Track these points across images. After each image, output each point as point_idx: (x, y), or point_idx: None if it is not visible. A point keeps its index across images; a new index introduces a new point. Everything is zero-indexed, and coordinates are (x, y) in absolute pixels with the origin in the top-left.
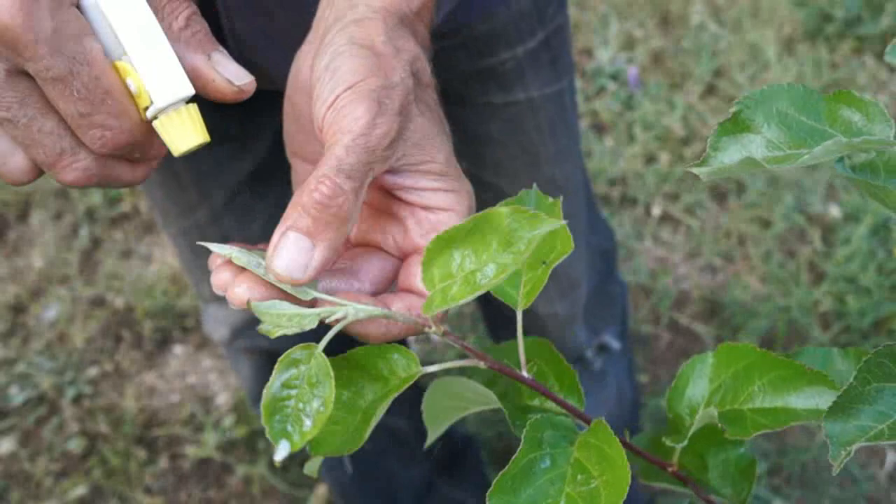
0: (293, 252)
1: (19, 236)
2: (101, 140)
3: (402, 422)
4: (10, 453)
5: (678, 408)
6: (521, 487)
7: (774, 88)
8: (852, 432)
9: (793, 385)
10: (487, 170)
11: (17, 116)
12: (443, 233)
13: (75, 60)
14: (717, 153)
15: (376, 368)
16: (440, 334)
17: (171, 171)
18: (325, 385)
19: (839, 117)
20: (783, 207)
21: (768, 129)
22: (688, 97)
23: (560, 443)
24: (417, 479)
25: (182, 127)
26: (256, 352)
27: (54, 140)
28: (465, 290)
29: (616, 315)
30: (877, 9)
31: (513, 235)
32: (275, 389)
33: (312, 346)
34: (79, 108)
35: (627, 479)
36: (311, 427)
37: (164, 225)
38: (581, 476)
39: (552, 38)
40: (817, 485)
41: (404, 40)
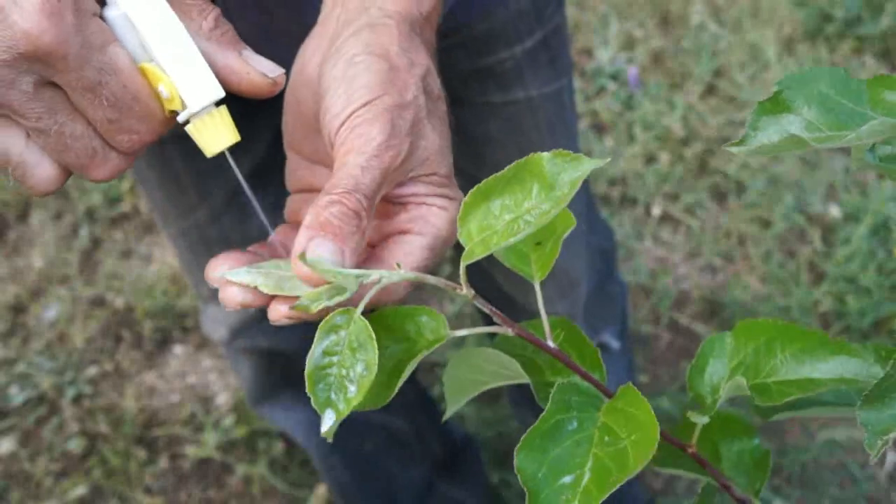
0: (326, 254)
1: (19, 236)
2: (129, 143)
3: (402, 422)
4: (10, 453)
5: (699, 387)
6: (548, 447)
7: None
8: (888, 421)
9: (816, 355)
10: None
11: (48, 125)
12: (480, 184)
13: (103, 70)
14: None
15: (403, 330)
16: (470, 297)
17: (170, 172)
18: (368, 348)
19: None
20: (783, 207)
21: (808, 111)
22: (688, 97)
23: (587, 408)
24: (417, 479)
25: (215, 129)
26: (256, 351)
27: (85, 143)
28: (506, 236)
29: (615, 315)
30: (877, 9)
31: (555, 179)
32: (316, 357)
33: (351, 311)
34: (108, 114)
35: (656, 436)
36: (357, 392)
37: (164, 225)
38: (609, 438)
39: (551, 37)
40: (817, 485)
41: (416, 52)
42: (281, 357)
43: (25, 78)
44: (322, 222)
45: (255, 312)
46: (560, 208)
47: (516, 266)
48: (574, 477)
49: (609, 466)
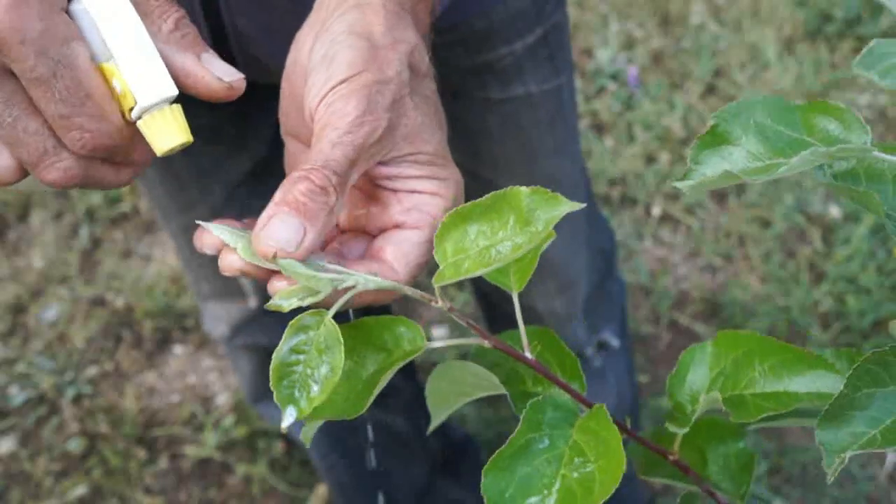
0: (285, 228)
1: (19, 236)
2: (80, 141)
3: (402, 421)
4: (10, 453)
5: (679, 395)
6: (517, 466)
7: (750, 101)
8: (845, 439)
9: (793, 369)
10: (485, 165)
11: (2, 116)
12: (459, 208)
13: (59, 63)
14: (698, 166)
15: (381, 339)
16: (445, 308)
17: (170, 168)
18: (335, 351)
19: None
20: (783, 207)
21: (747, 141)
22: (688, 97)
23: (560, 424)
24: (417, 478)
25: (165, 126)
26: (255, 349)
27: (38, 140)
28: (477, 264)
29: (615, 313)
30: (877, 9)
31: (531, 215)
32: (283, 354)
33: (323, 313)
34: (59, 109)
35: (622, 466)
36: (319, 392)
37: (164, 222)
38: (578, 459)
39: (550, 34)
40: (817, 485)
41: (402, 29)
42: None
43: None
44: (288, 199)
45: (255, 309)
46: (534, 245)
47: (496, 279)
48: (540, 498)
49: (575, 491)
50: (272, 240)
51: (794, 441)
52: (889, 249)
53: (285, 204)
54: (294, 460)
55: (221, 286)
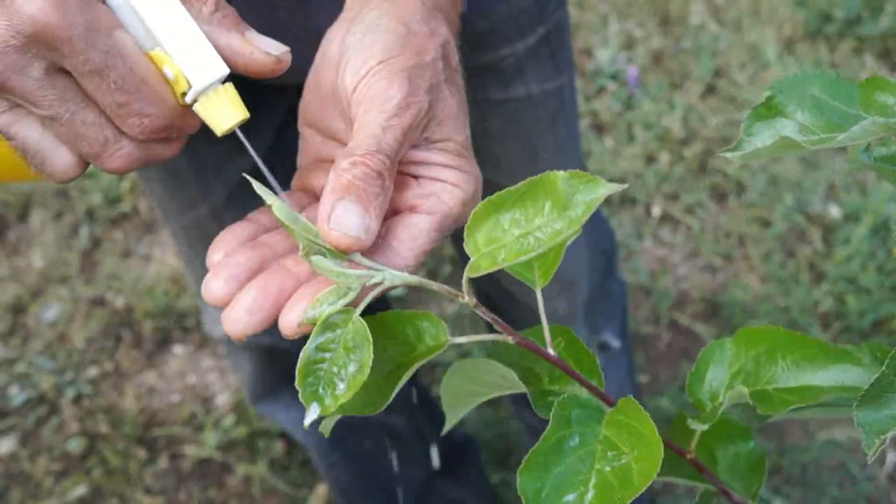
0: (354, 217)
1: (19, 236)
2: (139, 127)
3: (403, 421)
4: (10, 453)
5: (699, 393)
6: (551, 465)
7: (807, 74)
8: (885, 421)
9: (818, 363)
10: (486, 165)
11: (59, 113)
12: (492, 196)
13: (109, 53)
14: (750, 138)
15: (404, 334)
16: (472, 305)
17: (172, 168)
18: (363, 349)
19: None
20: (783, 207)
21: (801, 114)
22: (688, 97)
23: (588, 421)
24: (417, 478)
25: (222, 106)
26: (257, 348)
27: (97, 131)
28: (515, 253)
29: (616, 314)
30: (877, 9)
31: (570, 199)
32: (310, 352)
33: (350, 311)
34: (116, 98)
35: (660, 453)
36: (345, 391)
37: (165, 221)
38: (612, 453)
39: (552, 34)
40: (817, 485)
41: (438, 23)
42: (281, 354)
43: (35, 63)
44: (346, 185)
45: None
46: (574, 229)
47: (519, 273)
48: (577, 495)
49: (612, 483)
50: (344, 228)
51: (794, 441)
52: (889, 249)
53: (345, 191)
54: (294, 460)
55: None
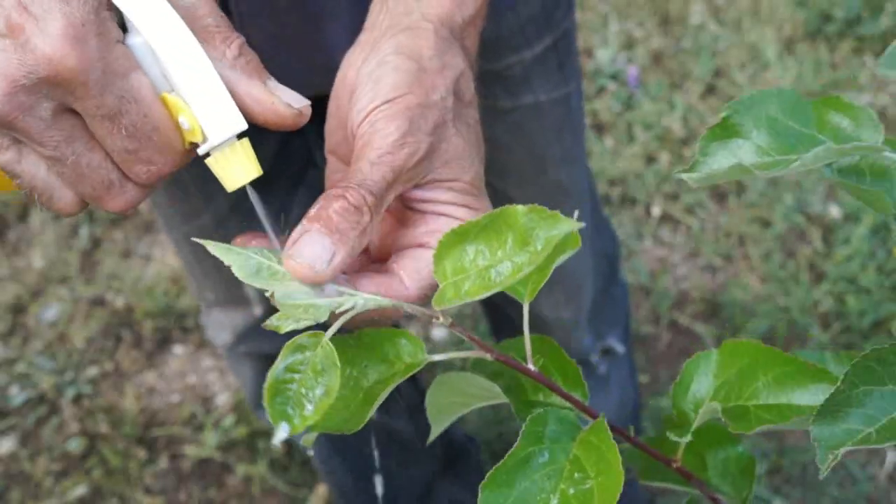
0: (316, 247)
1: (19, 236)
2: (146, 175)
3: (403, 423)
4: (10, 453)
5: (682, 404)
6: (515, 480)
7: (763, 93)
8: (840, 436)
9: (796, 382)
10: (493, 174)
11: (64, 154)
12: (457, 227)
13: (124, 98)
14: (706, 158)
15: (383, 351)
16: (447, 325)
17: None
18: (331, 374)
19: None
20: (783, 207)
21: (757, 135)
22: (688, 97)
23: (561, 438)
24: (418, 479)
25: (236, 162)
26: (259, 356)
27: (102, 174)
28: (479, 286)
29: (620, 318)
30: (877, 9)
31: (529, 234)
32: (278, 372)
33: (320, 335)
34: (126, 144)
35: (620, 483)
36: (313, 412)
37: (168, 230)
38: (578, 474)
39: (560, 42)
40: (817, 485)
41: (451, 55)
42: None
43: (44, 104)
44: (322, 216)
45: (260, 317)
46: (535, 265)
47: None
48: None
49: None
50: (301, 257)
51: (794, 441)
52: (889, 249)
53: (318, 220)
54: (294, 460)
55: (226, 294)
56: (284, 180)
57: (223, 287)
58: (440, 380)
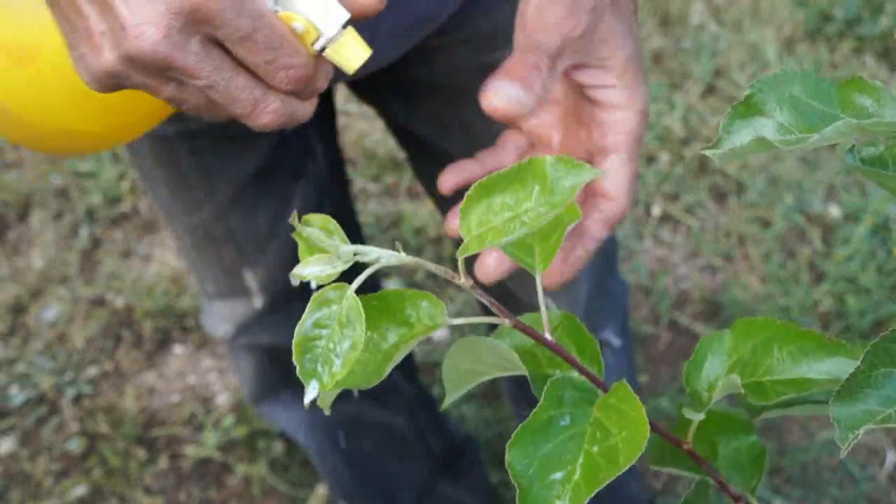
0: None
1: (19, 236)
2: (287, 79)
3: (402, 420)
4: (10, 453)
5: (695, 383)
6: (540, 442)
7: (787, 73)
8: (859, 416)
9: (813, 355)
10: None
11: (216, 82)
12: (483, 180)
13: (254, 17)
14: (729, 136)
15: (403, 313)
16: (468, 286)
17: (176, 169)
18: (356, 326)
19: (851, 102)
20: (783, 207)
21: (780, 114)
22: (688, 97)
23: (581, 403)
24: (417, 478)
25: (350, 48)
26: (258, 348)
27: (248, 92)
28: (500, 234)
29: (617, 312)
30: (877, 9)
31: (555, 184)
32: (306, 328)
33: (345, 286)
34: (265, 56)
35: (646, 434)
36: (341, 367)
37: (169, 223)
38: (600, 434)
39: None
40: (817, 485)
41: None
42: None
43: (194, 39)
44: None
45: (260, 309)
46: (556, 213)
47: (519, 258)
48: (565, 473)
49: (599, 463)
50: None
51: (794, 441)
52: (889, 249)
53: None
54: (294, 460)
55: (227, 286)
56: (284, 172)
57: (224, 279)
58: (459, 344)
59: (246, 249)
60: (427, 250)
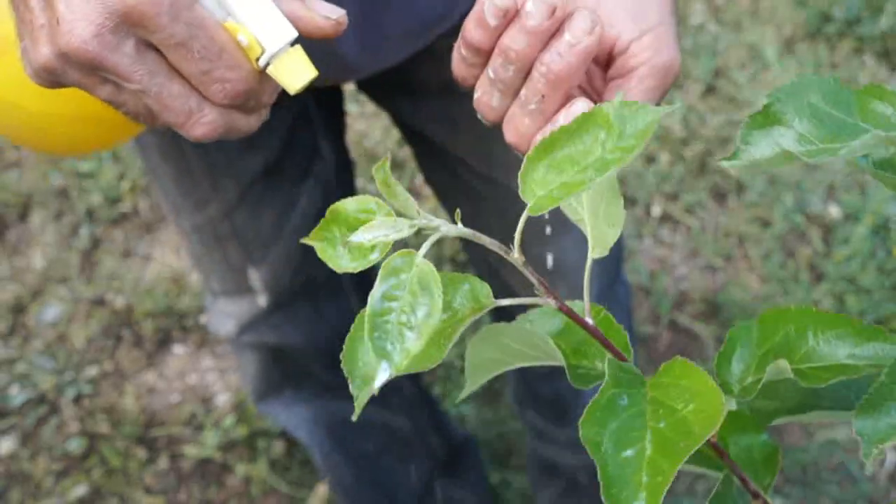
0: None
1: (19, 236)
2: (222, 92)
3: (403, 421)
4: (10, 453)
5: (726, 375)
6: (607, 419)
7: (805, 81)
8: (884, 430)
9: (853, 341)
10: (498, 169)
11: (149, 87)
12: (545, 138)
13: (192, 25)
14: (748, 147)
15: (447, 297)
16: (521, 263)
17: (184, 166)
18: (433, 291)
19: (871, 111)
20: (783, 207)
21: (799, 123)
22: (688, 97)
23: (634, 384)
24: (418, 477)
25: (293, 67)
26: (262, 347)
27: (182, 101)
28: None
29: (622, 318)
30: (877, 9)
31: (623, 128)
32: (375, 302)
33: (412, 253)
34: (201, 66)
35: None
36: (416, 340)
37: (176, 220)
38: (662, 411)
39: None
40: (817, 485)
41: None
42: (286, 353)
43: (127, 41)
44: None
45: (265, 307)
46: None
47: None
48: (636, 450)
49: (671, 437)
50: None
51: (794, 441)
52: (889, 249)
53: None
54: (294, 460)
55: (232, 283)
56: (292, 171)
57: (229, 277)
58: (485, 331)
59: (251, 248)
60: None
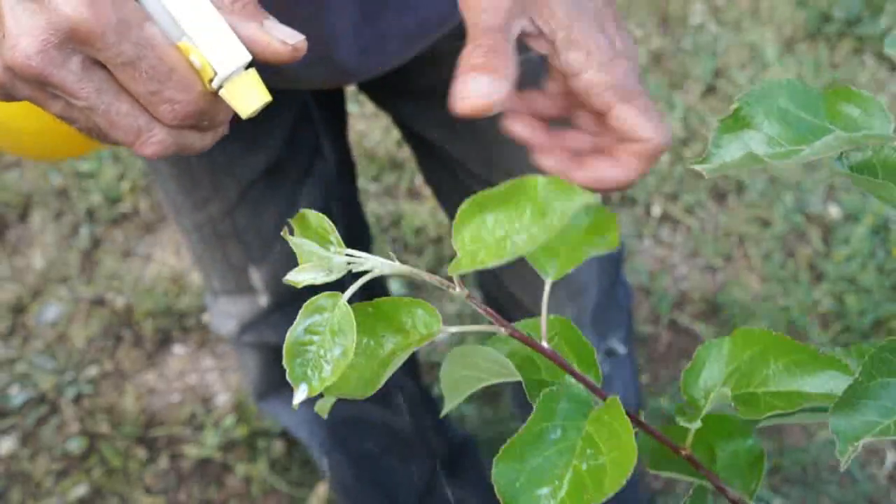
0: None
1: (19, 236)
2: (171, 113)
3: (404, 420)
4: (10, 453)
5: (693, 390)
6: (528, 455)
7: (773, 85)
8: (859, 427)
9: (807, 369)
10: (498, 173)
11: (96, 104)
12: (477, 196)
13: (140, 45)
14: (718, 150)
15: (399, 321)
16: (464, 296)
17: (184, 165)
18: (348, 334)
19: (839, 113)
20: (783, 207)
21: (769, 126)
22: (687, 97)
23: (573, 415)
24: (418, 477)
25: (246, 90)
26: (263, 346)
27: (131, 120)
28: (493, 254)
29: (622, 320)
30: (877, 9)
31: (547, 206)
32: (297, 333)
33: (337, 295)
34: (148, 87)
35: (633, 459)
36: (331, 374)
37: (177, 219)
38: (590, 450)
39: None
40: (817, 485)
41: None
42: None
43: (73, 58)
44: (472, 64)
45: (266, 307)
46: (548, 236)
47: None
48: (551, 489)
49: (586, 483)
50: (473, 94)
51: (794, 441)
52: (889, 249)
53: (470, 69)
54: (294, 460)
55: (233, 283)
56: (293, 171)
57: (230, 276)
58: (455, 352)
59: (252, 248)
60: (427, 250)
